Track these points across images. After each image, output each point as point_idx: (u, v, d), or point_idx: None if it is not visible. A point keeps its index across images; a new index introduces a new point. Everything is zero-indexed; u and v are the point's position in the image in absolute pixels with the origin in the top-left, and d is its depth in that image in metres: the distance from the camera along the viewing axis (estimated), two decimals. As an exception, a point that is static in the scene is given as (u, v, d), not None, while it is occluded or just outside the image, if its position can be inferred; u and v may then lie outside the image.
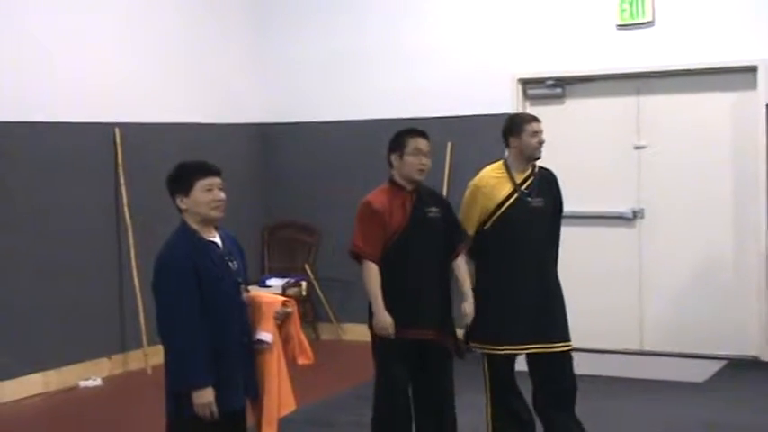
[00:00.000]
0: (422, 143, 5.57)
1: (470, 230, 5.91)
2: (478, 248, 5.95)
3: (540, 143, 5.92)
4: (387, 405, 5.62)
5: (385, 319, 5.46)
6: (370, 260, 5.50)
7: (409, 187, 5.58)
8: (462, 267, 5.72)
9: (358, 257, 5.56)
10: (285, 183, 10.11)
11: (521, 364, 6.09)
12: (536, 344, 5.89)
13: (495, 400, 6.00)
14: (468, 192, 5.99)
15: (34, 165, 7.97)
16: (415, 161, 5.54)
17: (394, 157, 5.61)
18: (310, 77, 9.93)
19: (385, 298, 5.50)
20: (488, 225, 5.90)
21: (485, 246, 5.93)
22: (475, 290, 5.89)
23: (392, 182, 5.65)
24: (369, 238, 5.51)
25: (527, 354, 5.99)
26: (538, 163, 6.04)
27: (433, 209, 5.60)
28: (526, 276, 5.88)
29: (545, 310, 5.91)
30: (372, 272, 5.50)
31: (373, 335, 5.62)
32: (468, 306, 5.69)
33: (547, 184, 6.01)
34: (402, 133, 5.65)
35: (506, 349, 5.90)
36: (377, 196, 5.60)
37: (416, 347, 5.54)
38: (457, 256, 5.70)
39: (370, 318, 5.60)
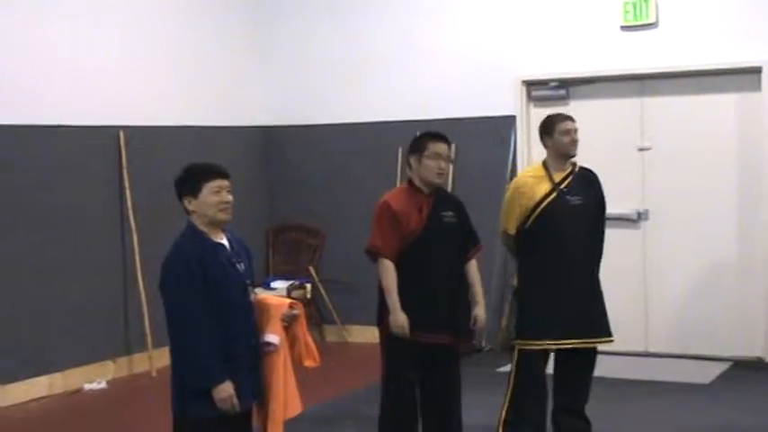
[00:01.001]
0: (441, 147, 5.58)
1: (511, 230, 6.06)
2: (520, 247, 6.08)
3: (573, 141, 6.03)
4: (393, 405, 5.63)
5: (400, 317, 5.46)
6: (388, 258, 5.50)
7: (427, 190, 5.59)
8: (474, 272, 5.72)
9: (375, 256, 5.56)
10: (290, 185, 10.11)
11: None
12: (580, 339, 5.97)
13: (514, 400, 6.02)
14: (508, 192, 6.13)
15: (39, 167, 7.97)
16: (433, 165, 5.54)
17: (413, 159, 5.62)
18: (315, 80, 9.93)
19: (404, 302, 5.50)
20: (529, 223, 6.01)
21: (526, 244, 6.04)
22: (517, 287, 6.08)
23: (411, 183, 5.66)
24: (386, 237, 5.51)
25: (558, 351, 6.07)
26: (580, 163, 6.16)
27: (449, 213, 5.61)
28: (567, 273, 5.97)
29: (589, 306, 6.04)
30: (389, 269, 5.50)
31: (382, 334, 5.63)
32: (480, 311, 5.68)
33: (587, 182, 6.13)
34: (422, 136, 5.66)
35: (546, 344, 5.99)
36: (396, 197, 5.61)
37: (425, 349, 5.55)
38: (469, 259, 5.72)
39: (379, 317, 5.62)
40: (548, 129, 6.08)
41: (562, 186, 6.01)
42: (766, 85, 8.27)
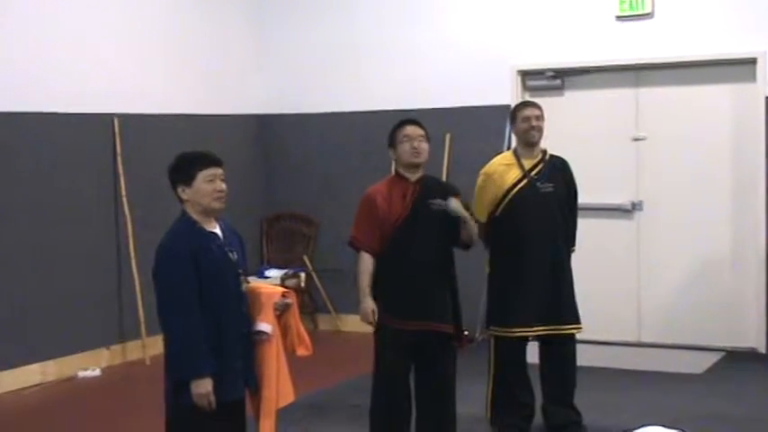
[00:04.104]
0: (410, 129, 5.59)
1: (482, 218, 6.07)
2: (491, 235, 6.09)
3: (532, 128, 6.06)
4: (384, 395, 5.64)
5: (366, 306, 5.50)
6: (366, 251, 5.56)
7: (413, 178, 5.59)
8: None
9: (355, 248, 5.62)
10: (284, 174, 10.11)
11: (532, 356, 6.24)
12: (546, 326, 6.01)
13: (496, 385, 6.13)
14: (479, 180, 6.17)
15: (33, 155, 7.96)
16: (406, 147, 5.56)
17: (391, 151, 5.66)
18: (310, 69, 9.92)
19: (385, 288, 5.53)
20: (499, 211, 6.07)
21: (497, 231, 6.06)
22: (489, 275, 6.17)
23: (396, 173, 5.68)
24: (365, 229, 5.56)
25: (539, 339, 6.13)
26: (552, 151, 6.20)
27: (438, 200, 5.58)
28: (537, 260, 6.02)
29: (556, 294, 6.07)
30: (365, 263, 5.56)
31: (377, 325, 5.64)
32: (454, 202, 5.55)
33: (558, 170, 6.16)
34: (393, 127, 5.69)
35: (518, 332, 6.04)
36: (378, 188, 5.64)
37: (416, 338, 5.55)
38: None
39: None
40: (512, 116, 6.22)
41: (532, 173, 6.06)
42: (761, 76, 8.27)
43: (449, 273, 5.66)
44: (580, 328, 6.20)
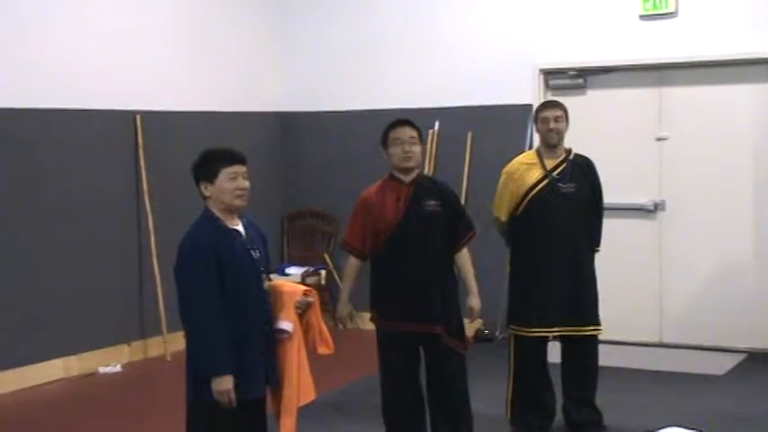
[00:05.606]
0: (401, 132, 5.52)
1: (503, 217, 6.12)
2: (512, 234, 6.11)
3: (551, 130, 6.03)
4: (390, 395, 5.65)
5: (343, 309, 5.71)
6: (353, 255, 5.62)
7: (406, 179, 5.53)
8: (464, 261, 5.65)
9: (345, 251, 5.69)
10: (305, 171, 10.12)
11: (554, 356, 6.22)
12: (566, 327, 6.00)
13: (517, 384, 6.13)
14: (501, 179, 6.16)
15: (55, 151, 7.99)
16: (397, 151, 5.51)
17: (385, 154, 5.62)
18: (332, 66, 9.92)
19: (379, 291, 5.58)
20: (520, 210, 6.06)
21: (518, 231, 6.06)
22: (510, 274, 6.17)
23: (390, 175, 5.62)
24: (356, 232, 5.57)
25: (560, 338, 6.11)
26: (577, 150, 6.17)
27: (432, 202, 5.52)
28: (558, 260, 6.01)
29: (576, 294, 6.06)
30: (350, 267, 5.65)
31: (376, 326, 5.67)
32: (474, 301, 5.63)
33: (581, 170, 6.11)
34: (386, 127, 5.63)
35: (538, 331, 6.03)
36: (373, 190, 5.61)
37: (413, 340, 5.54)
38: (461, 248, 5.64)
39: (371, 309, 5.67)
40: (535, 116, 6.21)
41: (555, 173, 6.04)
42: (785, 76, 8.24)
43: (446, 274, 5.59)
44: (600, 329, 6.17)
